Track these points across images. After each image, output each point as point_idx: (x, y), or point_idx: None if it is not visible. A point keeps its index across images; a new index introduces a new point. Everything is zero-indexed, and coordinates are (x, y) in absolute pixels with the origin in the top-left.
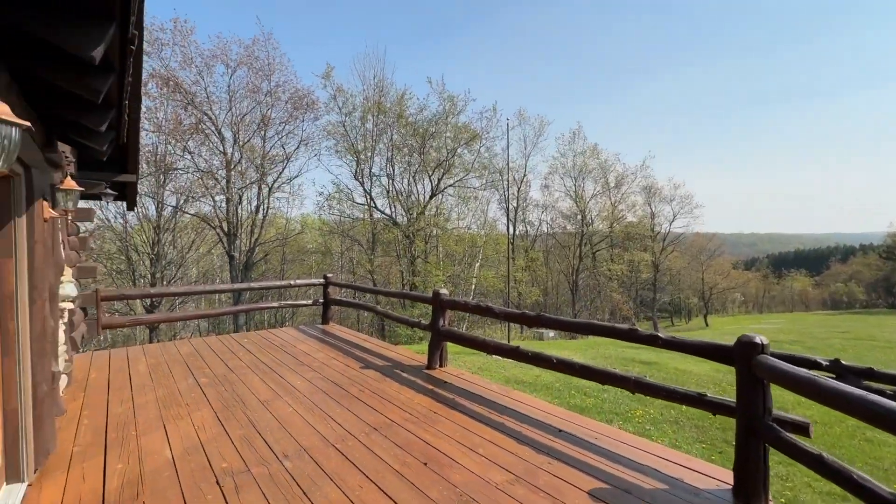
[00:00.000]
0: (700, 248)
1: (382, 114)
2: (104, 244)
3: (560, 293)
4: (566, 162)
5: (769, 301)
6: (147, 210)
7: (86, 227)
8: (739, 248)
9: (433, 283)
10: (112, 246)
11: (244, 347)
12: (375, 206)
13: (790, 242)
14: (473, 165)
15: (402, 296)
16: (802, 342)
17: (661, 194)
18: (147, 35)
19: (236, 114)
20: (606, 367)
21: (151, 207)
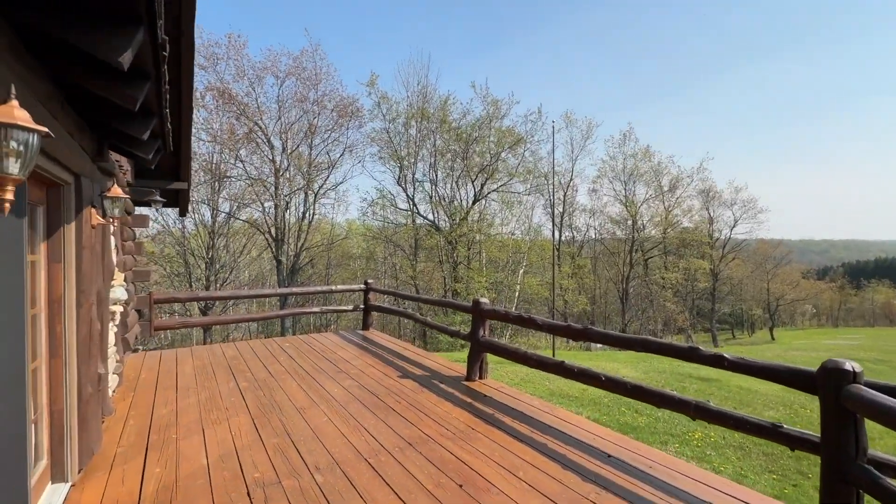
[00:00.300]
0: (765, 255)
1: (426, 120)
2: (164, 248)
3: (609, 302)
4: (616, 165)
5: (845, 314)
6: (203, 216)
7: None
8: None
9: (475, 290)
10: (172, 250)
11: (285, 352)
12: (418, 212)
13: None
14: (517, 170)
15: (441, 304)
16: (888, 361)
17: (720, 198)
18: (203, 50)
19: (285, 123)
20: (662, 388)
21: (207, 213)
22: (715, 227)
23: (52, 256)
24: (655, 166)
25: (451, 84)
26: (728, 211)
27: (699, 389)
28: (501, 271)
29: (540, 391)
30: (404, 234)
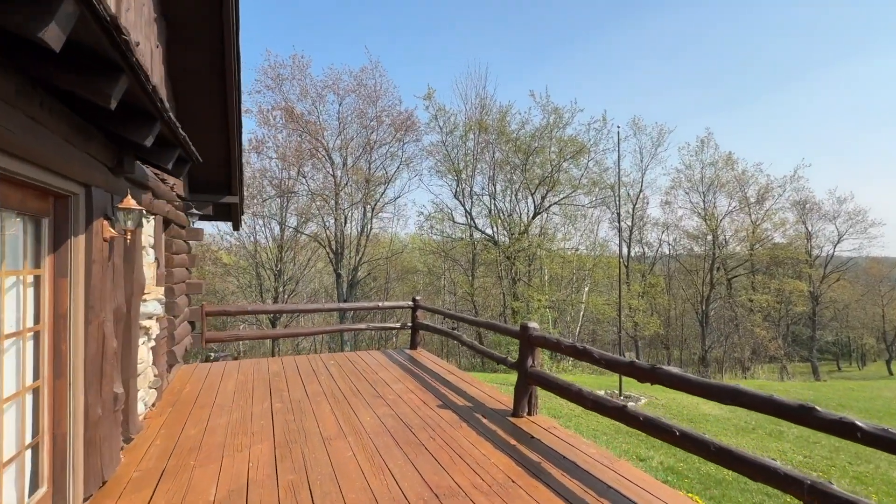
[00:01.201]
0: (878, 276)
1: (484, 132)
2: (239, 261)
3: (686, 325)
4: (692, 174)
5: None
6: (273, 230)
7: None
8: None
9: (535, 310)
10: (245, 262)
11: (328, 370)
12: (475, 226)
13: None
14: (581, 181)
15: (486, 326)
16: None
17: (820, 210)
18: (271, 72)
19: (345, 138)
20: (759, 454)
21: (276, 228)
22: (814, 242)
23: (57, 271)
24: (739, 175)
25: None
26: (830, 225)
27: (800, 434)
28: (565, 289)
29: (604, 425)
30: (462, 249)
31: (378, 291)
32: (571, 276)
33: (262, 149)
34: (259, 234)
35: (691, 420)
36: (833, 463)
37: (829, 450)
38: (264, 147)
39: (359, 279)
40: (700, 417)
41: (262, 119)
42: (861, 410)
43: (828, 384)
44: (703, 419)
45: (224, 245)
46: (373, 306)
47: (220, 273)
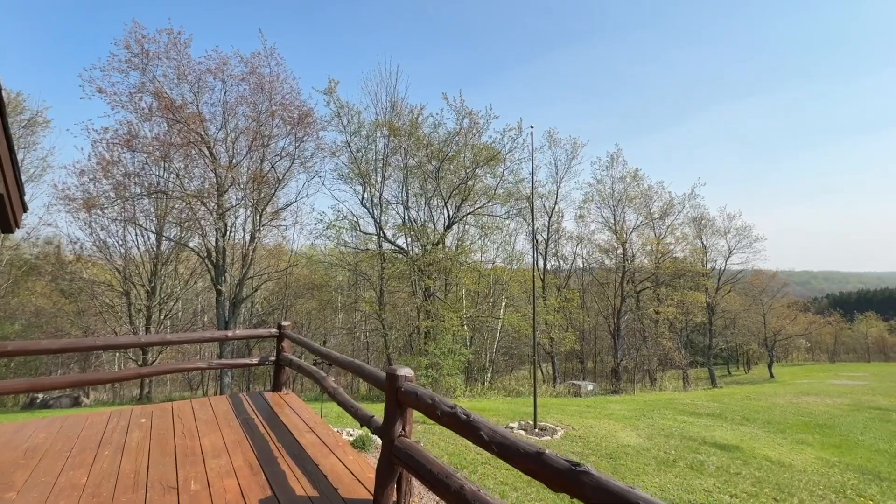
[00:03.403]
0: (761, 287)
1: (395, 135)
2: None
3: (599, 337)
4: (603, 189)
5: (837, 348)
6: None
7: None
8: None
9: (447, 328)
10: (112, 276)
11: (125, 435)
12: (385, 236)
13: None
14: (496, 191)
15: (351, 368)
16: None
17: (713, 226)
18: (135, 47)
19: (230, 133)
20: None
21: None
22: (709, 256)
23: None
24: (646, 191)
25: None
26: (722, 240)
27: (720, 465)
28: (481, 304)
29: (515, 473)
30: (370, 262)
31: (274, 312)
32: (488, 291)
33: (133, 144)
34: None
35: (610, 454)
36: (759, 501)
37: (752, 482)
38: (134, 140)
39: (242, 297)
40: (619, 450)
41: (116, 101)
42: (764, 423)
43: (726, 392)
44: (623, 451)
45: (90, 255)
46: (219, 336)
47: (74, 291)
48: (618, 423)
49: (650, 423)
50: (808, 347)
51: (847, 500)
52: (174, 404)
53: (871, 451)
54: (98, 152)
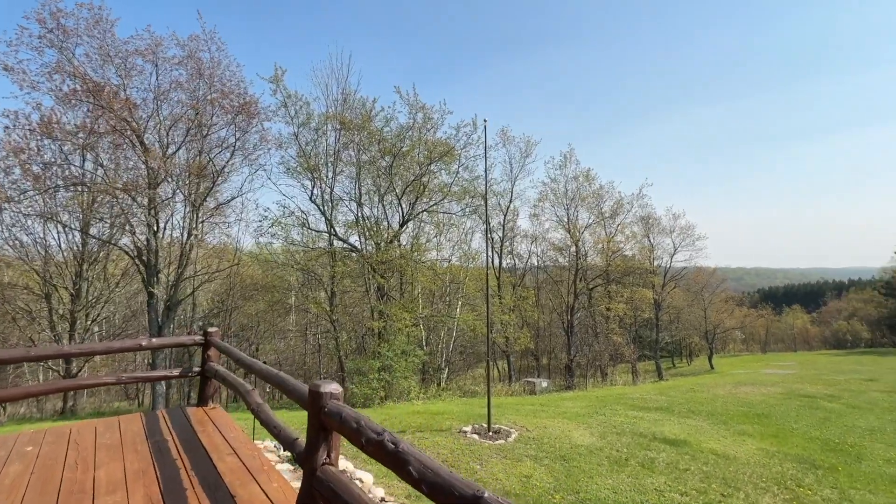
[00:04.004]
0: (703, 283)
1: (347, 129)
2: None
3: (553, 334)
4: (557, 188)
5: (768, 339)
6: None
7: None
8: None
9: (402, 330)
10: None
11: (4, 469)
12: (336, 234)
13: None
14: (451, 188)
15: (275, 382)
16: (840, 397)
17: (659, 225)
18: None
19: (164, 121)
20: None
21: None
22: (656, 254)
23: None
24: (597, 190)
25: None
26: (668, 238)
27: (669, 461)
28: (437, 304)
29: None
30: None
31: (219, 314)
32: (444, 290)
33: (51, 130)
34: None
35: (563, 456)
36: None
37: (701, 478)
38: (53, 126)
39: (178, 299)
40: (572, 451)
41: (24, 80)
42: (707, 415)
43: (672, 384)
44: (576, 452)
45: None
46: (129, 346)
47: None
48: (571, 421)
49: (603, 421)
50: (743, 339)
51: (788, 491)
52: (74, 426)
53: (805, 439)
54: (10, 139)
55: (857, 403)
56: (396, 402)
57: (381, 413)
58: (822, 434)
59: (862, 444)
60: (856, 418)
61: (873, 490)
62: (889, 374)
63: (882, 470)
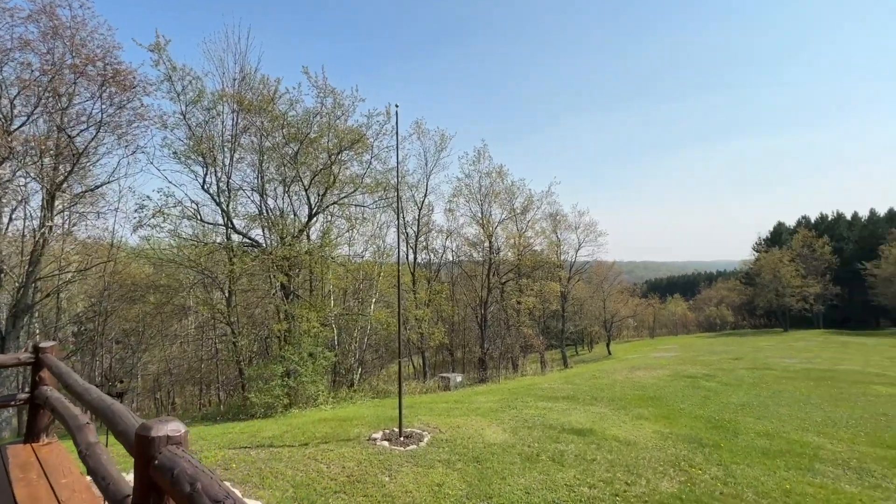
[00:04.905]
0: (602, 276)
1: (246, 111)
2: None
3: (468, 329)
4: (471, 184)
5: (655, 325)
6: None
7: None
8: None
9: (308, 331)
10: None
11: None
12: (234, 227)
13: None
14: (364, 180)
15: (104, 418)
16: (715, 376)
17: (566, 222)
18: None
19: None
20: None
21: None
22: (562, 249)
23: None
24: (509, 187)
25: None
26: (573, 234)
27: (577, 452)
28: (350, 301)
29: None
30: (216, 257)
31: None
32: (357, 287)
33: None
34: None
35: (476, 457)
36: (614, 488)
37: (606, 467)
38: None
39: (31, 304)
40: (485, 450)
41: None
42: (609, 401)
43: (576, 372)
44: (489, 452)
45: None
46: None
47: None
48: (484, 418)
49: (514, 415)
50: (635, 326)
51: (682, 472)
52: None
53: (691, 418)
54: None
55: (728, 381)
56: (303, 409)
57: (284, 423)
58: (704, 412)
59: (736, 420)
60: (729, 395)
61: (750, 463)
62: (750, 352)
63: (755, 443)
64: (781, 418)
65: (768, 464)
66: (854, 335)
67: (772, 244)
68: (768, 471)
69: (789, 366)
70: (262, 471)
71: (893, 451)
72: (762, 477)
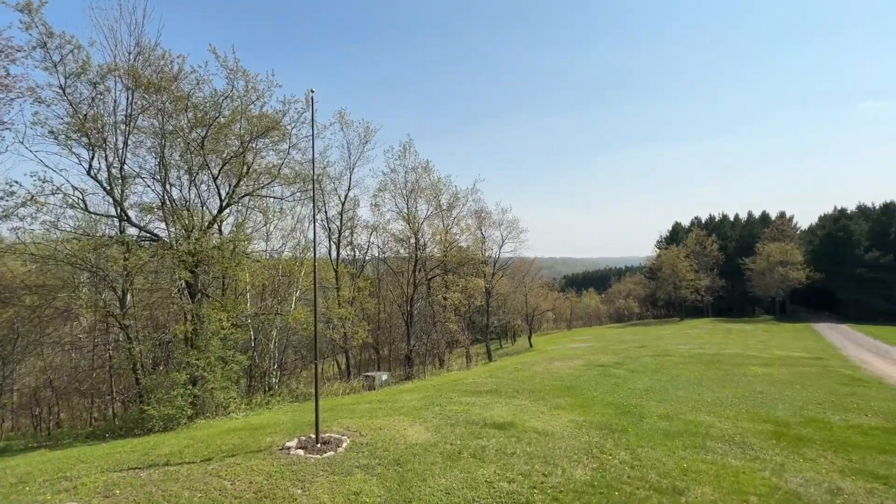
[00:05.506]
0: (524, 271)
1: (144, 89)
2: None
3: (394, 326)
4: (397, 178)
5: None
6: None
7: None
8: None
9: (218, 332)
10: None
11: None
12: (129, 219)
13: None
14: (281, 170)
15: None
16: (624, 364)
17: (490, 219)
18: None
19: None
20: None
21: None
22: (487, 245)
23: None
24: (435, 182)
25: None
26: (497, 231)
27: (498, 447)
28: (268, 300)
29: None
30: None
31: None
32: (276, 285)
33: None
34: None
35: (397, 459)
36: (532, 480)
37: (525, 460)
38: None
39: None
40: (407, 452)
41: None
42: (529, 392)
43: (500, 365)
44: (411, 453)
45: None
46: None
47: None
48: (407, 417)
49: (438, 412)
50: (554, 319)
51: (594, 459)
52: None
53: (603, 405)
54: None
55: (635, 368)
56: (211, 419)
57: (186, 436)
58: (614, 399)
59: (641, 404)
60: (636, 381)
61: (653, 446)
62: (653, 340)
63: (657, 426)
64: (679, 401)
65: (669, 444)
66: (736, 322)
67: (671, 242)
68: (669, 451)
69: (685, 352)
70: (151, 495)
71: (769, 425)
72: (664, 458)
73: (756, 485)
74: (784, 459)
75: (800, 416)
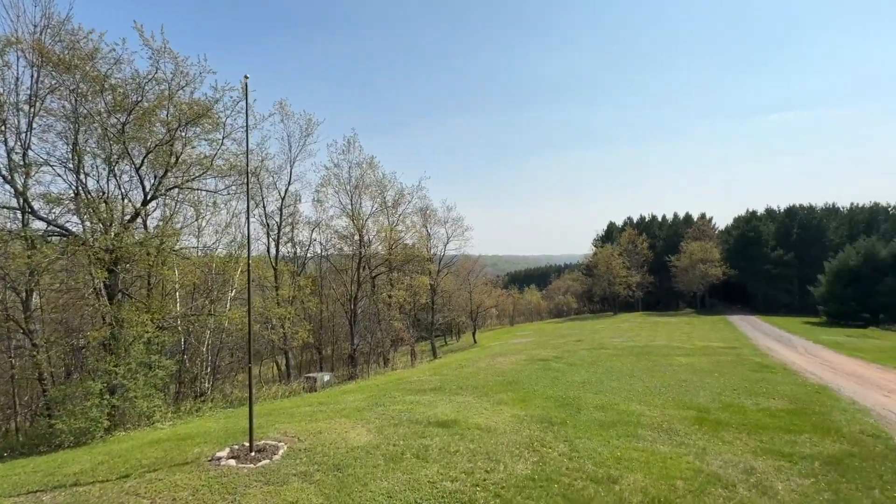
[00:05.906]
0: (469, 269)
1: (52, 65)
2: None
3: (337, 325)
4: (341, 173)
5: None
6: None
7: None
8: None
9: (141, 336)
10: None
11: None
12: (34, 212)
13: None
14: (214, 162)
15: None
16: (563, 358)
17: (435, 216)
18: None
19: None
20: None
21: None
22: (432, 243)
23: None
24: (381, 179)
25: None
26: (442, 228)
27: (442, 445)
28: (199, 299)
29: None
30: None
31: None
32: (209, 284)
33: None
34: None
35: (337, 464)
36: (475, 478)
37: (468, 457)
38: None
39: None
40: (348, 455)
41: None
42: (473, 389)
43: (444, 362)
44: (352, 457)
45: None
46: None
47: None
48: (349, 419)
49: (381, 413)
50: (497, 315)
51: (535, 453)
52: None
53: (543, 399)
54: None
55: (573, 361)
56: (132, 431)
57: (101, 452)
58: (554, 392)
59: (579, 396)
60: (573, 374)
61: (590, 436)
62: (590, 334)
63: (593, 417)
64: (613, 391)
65: (604, 434)
66: (662, 315)
67: (606, 240)
68: (604, 441)
69: (618, 344)
70: None
71: (692, 411)
72: (599, 448)
73: (682, 469)
74: (706, 444)
75: (718, 402)
